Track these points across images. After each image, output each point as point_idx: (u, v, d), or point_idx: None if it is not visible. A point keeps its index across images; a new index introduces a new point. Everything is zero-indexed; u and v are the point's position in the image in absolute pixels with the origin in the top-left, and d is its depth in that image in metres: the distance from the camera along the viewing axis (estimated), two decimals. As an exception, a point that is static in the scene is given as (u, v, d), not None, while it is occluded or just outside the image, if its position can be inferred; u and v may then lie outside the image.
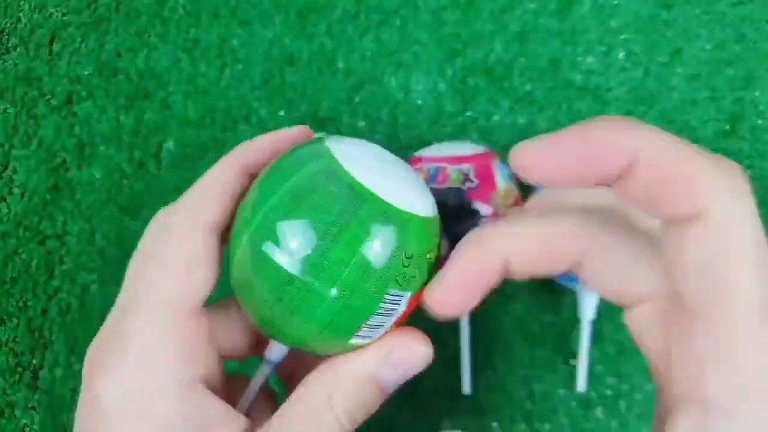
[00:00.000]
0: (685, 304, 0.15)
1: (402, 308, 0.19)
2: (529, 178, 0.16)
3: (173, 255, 0.19)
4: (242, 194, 0.20)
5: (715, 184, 0.14)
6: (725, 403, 0.14)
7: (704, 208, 0.14)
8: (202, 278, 0.19)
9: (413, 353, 0.19)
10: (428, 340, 0.19)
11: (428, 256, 0.19)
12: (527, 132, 0.39)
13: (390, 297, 0.18)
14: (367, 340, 0.19)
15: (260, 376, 0.22)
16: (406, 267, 0.18)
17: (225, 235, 0.20)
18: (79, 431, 0.18)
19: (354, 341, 0.19)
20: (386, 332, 0.19)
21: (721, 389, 0.14)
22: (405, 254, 0.18)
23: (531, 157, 0.16)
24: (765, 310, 0.14)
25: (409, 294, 0.19)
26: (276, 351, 0.21)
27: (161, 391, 0.18)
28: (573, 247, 0.17)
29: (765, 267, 0.14)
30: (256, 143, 0.21)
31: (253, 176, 0.21)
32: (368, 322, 0.19)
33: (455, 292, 0.18)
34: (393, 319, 0.19)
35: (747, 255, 0.14)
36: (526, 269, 0.17)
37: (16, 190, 0.41)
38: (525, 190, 0.35)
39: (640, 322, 0.17)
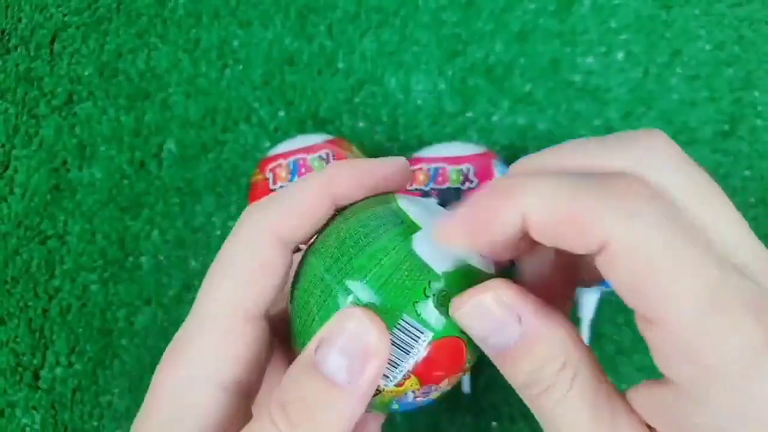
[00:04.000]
0: (638, 313, 0.16)
1: (420, 350, 0.18)
2: (452, 247, 0.18)
3: (245, 264, 0.20)
4: (322, 220, 0.21)
5: (602, 213, 0.15)
6: (691, 390, 0.15)
7: (602, 239, 0.15)
8: (268, 287, 0.20)
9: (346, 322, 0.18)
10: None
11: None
12: (527, 132, 0.39)
13: (405, 324, 0.18)
14: (385, 382, 0.19)
15: None
16: (427, 297, 0.18)
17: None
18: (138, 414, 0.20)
19: None
20: (405, 378, 0.19)
21: (685, 378, 0.15)
22: (430, 284, 0.18)
23: (449, 235, 0.18)
24: (709, 297, 0.15)
25: (429, 335, 0.18)
26: None
27: (200, 392, 0.19)
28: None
29: (691, 260, 0.15)
30: (348, 177, 0.21)
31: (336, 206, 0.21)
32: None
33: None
34: (411, 360, 0.18)
35: (662, 264, 0.15)
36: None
37: (17, 190, 0.41)
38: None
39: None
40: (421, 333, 0.18)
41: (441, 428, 0.37)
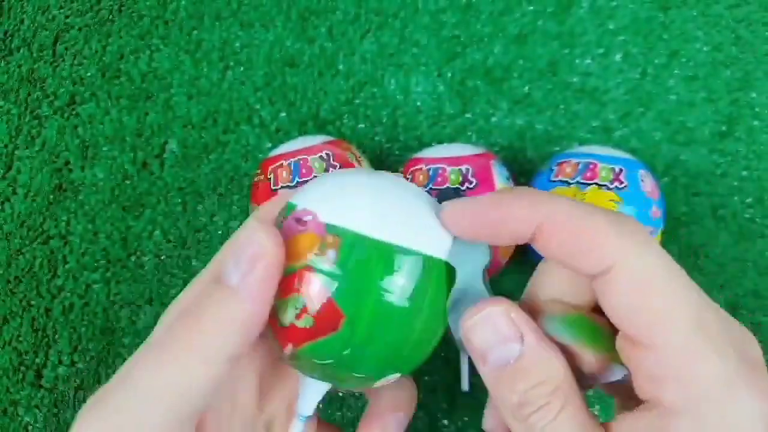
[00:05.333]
0: (627, 334, 0.17)
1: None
2: (454, 231, 0.19)
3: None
4: None
5: (613, 239, 0.17)
6: (681, 408, 0.16)
7: (612, 261, 0.17)
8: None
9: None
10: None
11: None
12: (525, 133, 0.39)
13: None
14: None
15: None
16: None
17: None
18: None
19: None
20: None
21: (676, 398, 0.16)
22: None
23: (457, 215, 0.19)
24: (696, 324, 0.16)
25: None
26: (307, 404, 0.22)
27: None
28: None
29: (682, 291, 0.16)
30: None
31: None
32: None
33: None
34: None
35: (661, 291, 0.16)
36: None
37: (19, 191, 0.41)
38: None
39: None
40: None
41: (441, 426, 0.37)
